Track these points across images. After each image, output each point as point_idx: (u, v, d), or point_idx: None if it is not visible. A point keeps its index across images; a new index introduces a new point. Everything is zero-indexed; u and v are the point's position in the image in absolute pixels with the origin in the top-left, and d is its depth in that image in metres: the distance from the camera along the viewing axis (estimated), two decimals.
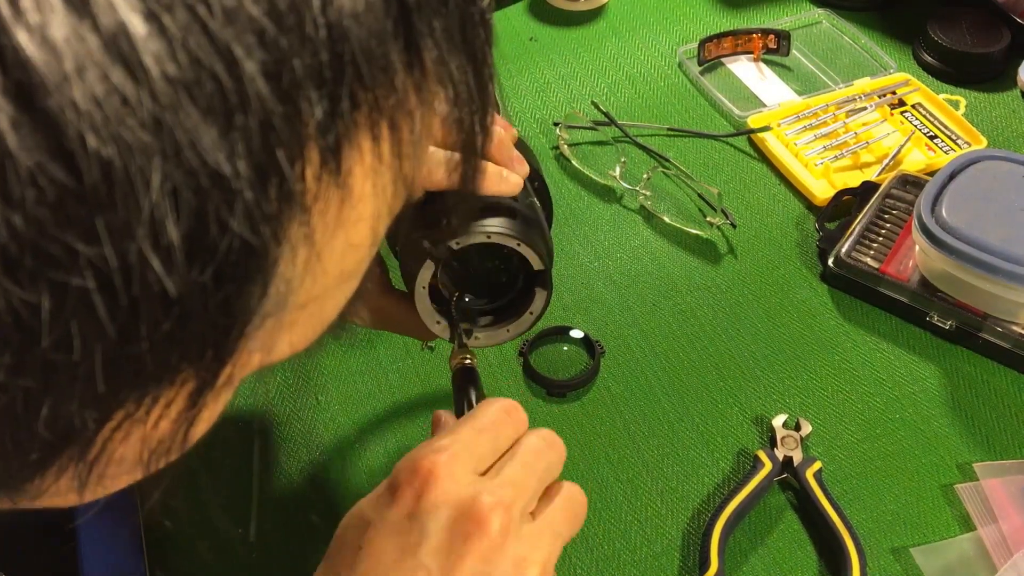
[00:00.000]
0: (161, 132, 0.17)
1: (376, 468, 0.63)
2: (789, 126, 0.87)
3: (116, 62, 0.17)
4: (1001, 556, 0.57)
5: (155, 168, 0.17)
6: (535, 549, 0.37)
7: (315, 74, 0.19)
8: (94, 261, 0.17)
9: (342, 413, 0.66)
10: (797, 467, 0.61)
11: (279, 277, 0.21)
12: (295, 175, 0.20)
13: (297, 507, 0.60)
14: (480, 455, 0.39)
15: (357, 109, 0.21)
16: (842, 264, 0.73)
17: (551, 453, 0.41)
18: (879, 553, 0.58)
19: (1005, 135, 0.88)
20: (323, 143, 0.20)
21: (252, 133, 0.18)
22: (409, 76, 0.22)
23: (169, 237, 0.18)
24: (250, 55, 0.18)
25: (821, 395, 0.67)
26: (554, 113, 0.90)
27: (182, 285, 0.19)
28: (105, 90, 0.17)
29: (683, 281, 0.75)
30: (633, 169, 0.83)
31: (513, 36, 1.00)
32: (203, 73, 0.18)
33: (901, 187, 0.78)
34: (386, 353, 0.70)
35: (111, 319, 0.18)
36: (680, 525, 0.60)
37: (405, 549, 0.36)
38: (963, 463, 0.63)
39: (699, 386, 0.68)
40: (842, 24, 1.00)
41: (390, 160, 0.23)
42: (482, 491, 0.37)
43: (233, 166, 0.18)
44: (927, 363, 0.69)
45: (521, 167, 0.49)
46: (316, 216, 0.21)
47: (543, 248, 0.48)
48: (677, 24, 1.02)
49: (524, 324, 0.50)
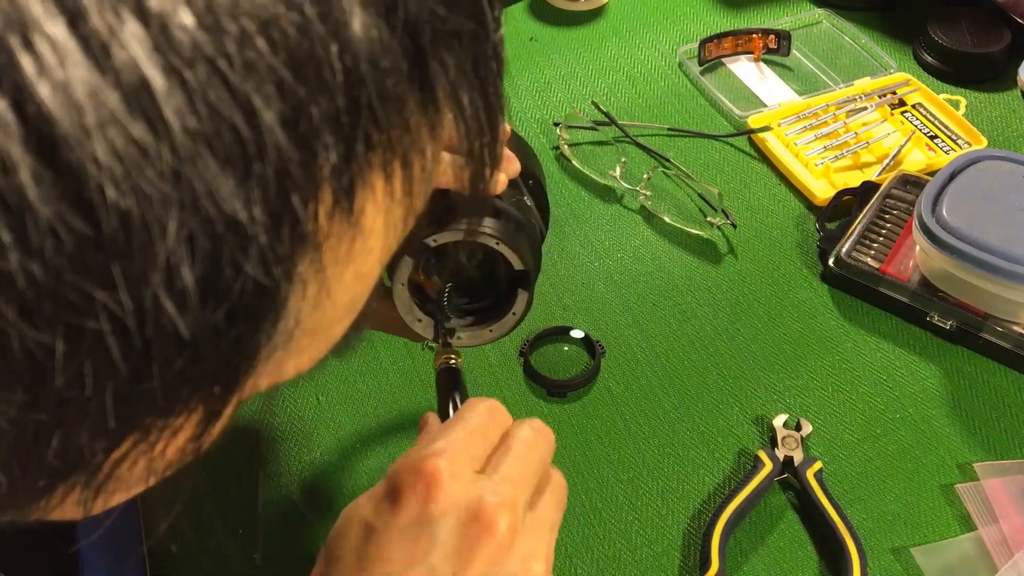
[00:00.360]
0: (180, 183, 0.17)
1: (377, 468, 0.63)
2: (789, 126, 0.87)
3: (137, 117, 0.17)
4: (1002, 556, 0.57)
5: (172, 217, 0.18)
6: (538, 543, 0.38)
7: (332, 120, 0.19)
8: (109, 306, 0.18)
9: (343, 413, 0.66)
10: (798, 467, 0.61)
11: (289, 312, 0.21)
12: (308, 217, 0.20)
13: (297, 508, 0.60)
14: (475, 455, 0.39)
15: (371, 151, 0.21)
16: (842, 264, 0.73)
17: (543, 444, 0.41)
18: (880, 553, 0.58)
19: (1005, 135, 0.88)
20: (337, 185, 0.20)
21: (269, 181, 0.19)
22: (423, 115, 0.22)
23: (184, 282, 0.18)
24: (268, 105, 0.18)
25: (822, 395, 0.67)
26: (554, 113, 0.90)
27: (195, 326, 0.19)
28: (125, 144, 0.17)
29: (683, 281, 0.75)
30: (633, 169, 0.83)
31: (513, 36, 1.00)
32: (222, 125, 0.18)
33: (901, 187, 0.78)
34: (386, 353, 0.70)
35: (124, 359, 0.18)
36: (681, 525, 0.60)
37: (415, 555, 0.36)
38: (964, 463, 0.63)
39: (700, 386, 0.68)
40: (842, 24, 1.00)
41: (401, 197, 0.23)
42: (486, 491, 0.37)
43: (249, 212, 0.18)
44: (927, 363, 0.69)
45: (510, 165, 0.48)
46: (327, 253, 0.21)
47: (525, 248, 0.47)
48: (677, 24, 1.02)
49: (507, 325, 0.50)
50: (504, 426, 0.42)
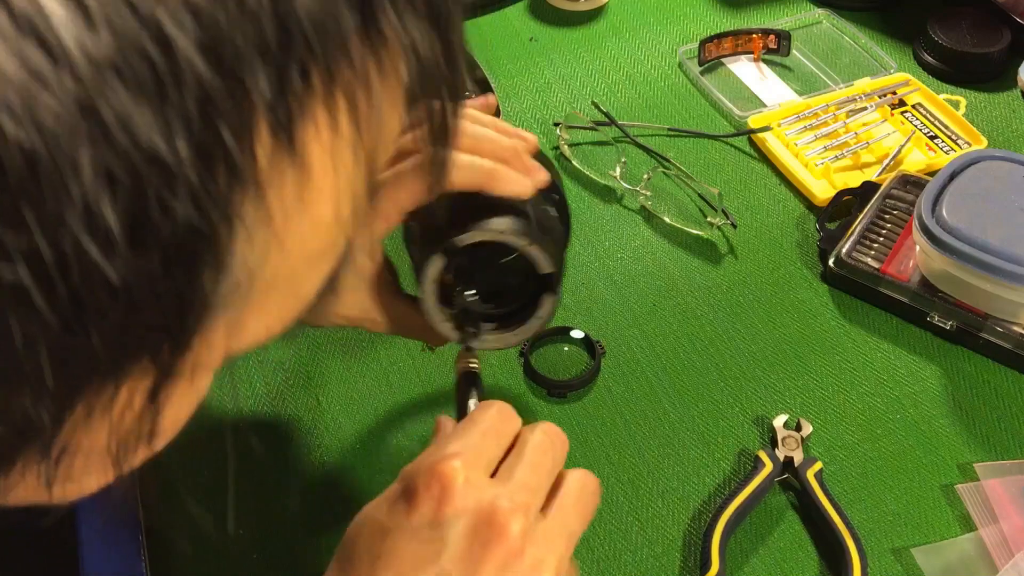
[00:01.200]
0: (87, 114, 0.17)
1: (378, 469, 0.63)
2: (789, 126, 0.87)
3: (31, 43, 0.16)
4: (1002, 556, 0.57)
5: (83, 152, 0.17)
6: (550, 551, 0.38)
7: (260, 48, 0.18)
8: (25, 251, 0.17)
9: (343, 414, 0.66)
10: (798, 467, 0.61)
11: (237, 261, 0.20)
12: (243, 153, 0.19)
13: (298, 508, 0.60)
14: (489, 458, 0.40)
15: (309, 82, 0.20)
16: (843, 264, 0.73)
17: (556, 447, 0.42)
18: (880, 553, 0.58)
19: (1005, 135, 0.88)
20: (273, 118, 0.19)
21: (191, 111, 0.18)
22: (366, 46, 0.21)
23: (106, 223, 0.17)
24: (183, 30, 0.17)
25: (822, 395, 0.67)
26: (554, 113, 0.90)
27: (126, 272, 0.18)
28: (20, 73, 0.16)
29: (683, 281, 0.75)
30: (633, 169, 0.83)
31: (513, 36, 1.00)
32: (131, 52, 0.17)
33: (901, 187, 0.78)
34: (387, 354, 0.70)
35: (52, 310, 0.17)
36: (681, 525, 0.60)
37: (427, 557, 0.36)
38: (964, 463, 0.63)
39: (700, 386, 0.68)
40: (842, 24, 1.00)
41: (349, 134, 0.22)
42: (499, 496, 0.38)
43: (171, 146, 0.17)
44: (928, 363, 0.69)
45: (538, 174, 0.49)
46: (272, 195, 0.20)
47: (552, 251, 0.47)
48: (677, 24, 1.02)
49: (532, 328, 0.50)
50: (515, 429, 0.42)
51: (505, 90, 0.92)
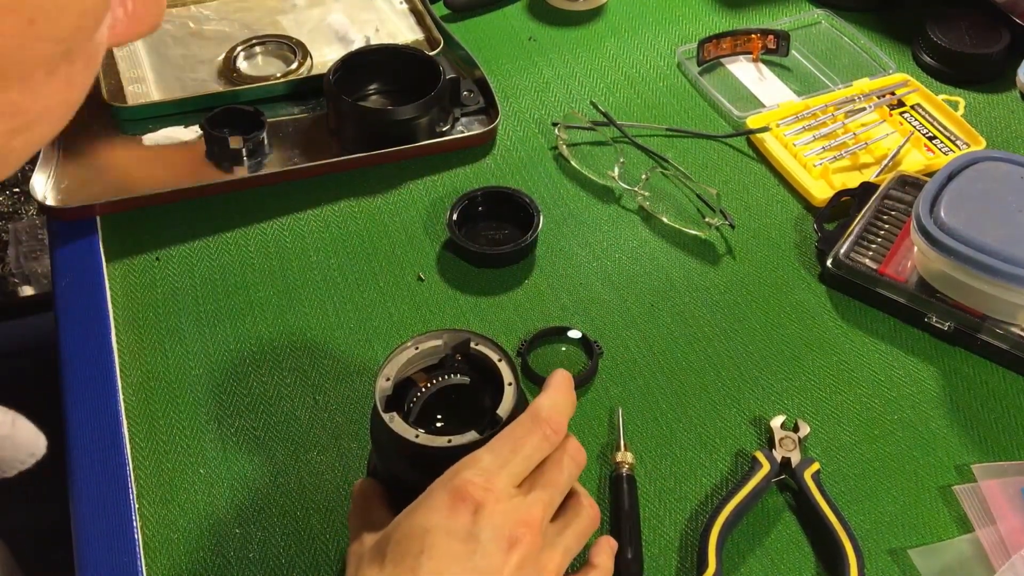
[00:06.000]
0: None
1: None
2: (788, 127, 0.87)
3: None
4: (999, 557, 0.57)
5: None
6: (548, 561, 0.45)
7: None
8: None
9: (339, 413, 0.66)
10: (795, 468, 0.61)
11: None
12: None
13: (296, 508, 0.60)
14: (516, 473, 0.46)
15: None
16: (841, 265, 0.73)
17: (573, 466, 0.48)
18: (877, 554, 0.58)
19: (1004, 136, 0.88)
20: None
21: None
22: None
23: None
24: None
25: (819, 396, 0.67)
26: (553, 113, 0.90)
27: None
28: None
29: (681, 282, 0.75)
30: (632, 169, 0.83)
31: (513, 36, 1.00)
32: None
33: (900, 188, 0.78)
34: (383, 353, 0.69)
35: None
36: (678, 526, 0.60)
37: (462, 554, 0.43)
38: (961, 464, 0.63)
39: (697, 387, 0.68)
40: (841, 24, 1.00)
41: None
42: (519, 508, 0.45)
43: None
44: (925, 364, 0.69)
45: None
46: None
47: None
48: (676, 24, 1.02)
49: (465, 438, 0.50)
50: (550, 449, 0.47)
51: (504, 90, 0.92)
